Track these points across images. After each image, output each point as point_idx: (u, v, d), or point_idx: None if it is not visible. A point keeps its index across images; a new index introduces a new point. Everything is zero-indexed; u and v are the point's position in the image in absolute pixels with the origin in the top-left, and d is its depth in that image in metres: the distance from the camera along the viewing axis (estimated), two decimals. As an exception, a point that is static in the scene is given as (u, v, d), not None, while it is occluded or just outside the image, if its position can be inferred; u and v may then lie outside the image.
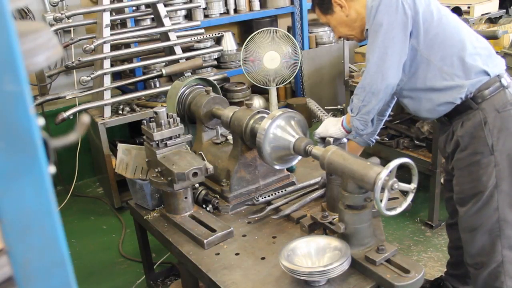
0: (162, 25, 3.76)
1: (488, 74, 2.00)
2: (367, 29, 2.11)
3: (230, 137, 2.45)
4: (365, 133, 2.20)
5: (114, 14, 3.74)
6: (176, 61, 3.85)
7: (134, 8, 3.87)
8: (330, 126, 2.24)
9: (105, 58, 3.51)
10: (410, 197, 1.72)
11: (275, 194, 2.24)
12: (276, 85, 4.64)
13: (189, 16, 4.50)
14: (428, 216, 3.35)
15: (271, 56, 4.39)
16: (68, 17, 3.48)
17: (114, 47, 3.78)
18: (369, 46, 2.07)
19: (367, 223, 1.77)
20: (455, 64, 2.01)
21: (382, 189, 1.61)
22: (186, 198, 2.19)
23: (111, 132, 3.86)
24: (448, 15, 2.09)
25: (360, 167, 1.68)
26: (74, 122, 3.67)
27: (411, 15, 1.99)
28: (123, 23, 3.96)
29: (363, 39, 2.25)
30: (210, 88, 2.51)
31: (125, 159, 2.46)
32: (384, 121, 2.49)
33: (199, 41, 4.31)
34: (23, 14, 4.03)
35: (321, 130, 2.25)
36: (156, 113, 2.19)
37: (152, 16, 3.88)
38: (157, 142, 2.17)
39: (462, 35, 2.05)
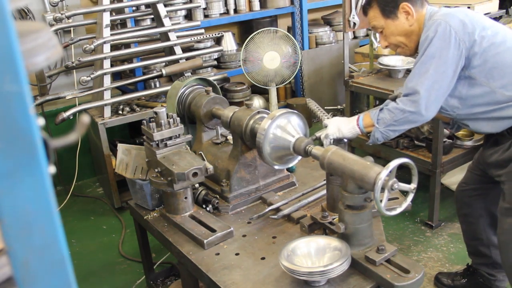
0: (162, 25, 3.76)
1: None
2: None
3: (230, 137, 2.45)
4: (380, 143, 2.21)
5: (114, 14, 3.75)
6: (176, 61, 3.85)
7: (134, 8, 3.87)
8: (343, 126, 2.20)
9: (105, 58, 3.51)
10: (410, 197, 1.72)
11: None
12: (276, 85, 4.64)
13: (189, 16, 4.50)
14: (428, 216, 3.35)
15: (271, 56, 4.40)
16: (68, 17, 3.48)
17: (114, 47, 3.78)
18: (418, 76, 2.05)
19: (367, 223, 1.77)
20: None
21: (382, 189, 1.61)
22: (186, 198, 2.19)
23: (111, 132, 3.86)
24: (506, 40, 2.06)
25: (360, 167, 1.68)
26: (74, 122, 3.68)
27: (465, 48, 1.99)
28: (123, 23, 3.96)
29: (414, 53, 2.24)
30: (210, 88, 2.51)
31: (125, 159, 2.46)
32: None
33: (199, 41, 4.31)
34: (23, 14, 4.03)
35: (333, 131, 2.19)
36: (156, 113, 2.19)
37: (152, 16, 3.88)
38: (157, 142, 2.17)
39: None
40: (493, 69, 2.02)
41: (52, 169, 0.60)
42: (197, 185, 2.29)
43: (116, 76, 4.24)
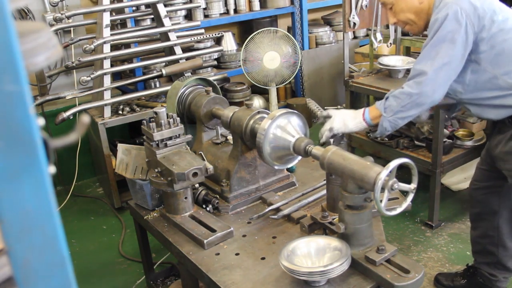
0: (162, 25, 3.76)
1: None
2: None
3: (230, 137, 2.45)
4: (389, 133, 2.21)
5: (114, 14, 3.75)
6: (176, 61, 3.85)
7: (134, 8, 3.87)
8: (349, 120, 2.19)
9: (105, 58, 3.51)
10: (410, 197, 1.72)
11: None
12: (276, 85, 4.64)
13: (189, 16, 4.50)
14: (428, 216, 3.35)
15: (271, 56, 4.40)
16: (68, 17, 3.48)
17: (114, 47, 3.78)
18: (426, 58, 2.06)
19: (367, 223, 1.77)
20: None
21: (382, 189, 1.61)
22: (186, 198, 2.19)
23: (111, 132, 3.86)
24: None
25: (360, 167, 1.67)
26: (74, 122, 3.67)
27: (474, 33, 2.00)
28: (123, 23, 3.96)
29: (422, 31, 2.25)
30: (210, 88, 2.51)
31: (125, 159, 2.46)
32: None
33: (199, 41, 4.31)
34: (23, 14, 4.03)
35: (339, 126, 2.18)
36: (156, 113, 2.19)
37: (152, 16, 3.88)
38: (157, 142, 2.17)
39: None
40: (499, 56, 2.03)
41: (52, 169, 0.60)
42: (197, 185, 2.29)
43: (116, 76, 4.24)
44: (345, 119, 2.19)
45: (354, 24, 3.46)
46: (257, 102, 4.81)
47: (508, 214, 2.46)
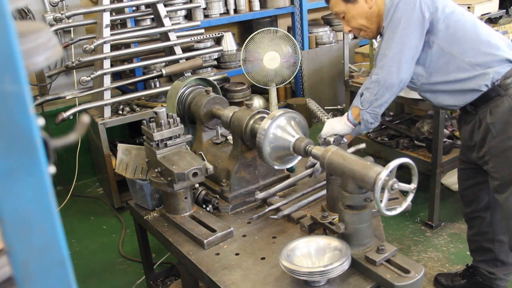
0: (162, 25, 3.76)
1: (511, 62, 2.09)
2: (383, 27, 2.17)
3: (230, 137, 2.45)
4: (374, 126, 2.25)
5: (114, 14, 3.75)
6: (176, 61, 3.85)
7: (134, 8, 3.87)
8: (335, 123, 2.25)
9: (105, 58, 3.51)
10: (410, 197, 1.72)
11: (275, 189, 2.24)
12: (276, 85, 4.64)
13: (189, 16, 4.50)
14: (428, 216, 3.35)
15: (271, 56, 4.40)
16: (68, 17, 3.48)
17: (114, 47, 3.78)
18: (386, 42, 2.13)
19: (367, 223, 1.77)
20: (477, 55, 2.10)
21: (382, 189, 1.61)
22: (186, 198, 2.19)
23: (111, 132, 3.86)
24: (464, 12, 2.18)
25: (360, 167, 1.67)
26: (74, 122, 3.67)
27: (430, 12, 2.08)
28: (123, 23, 3.96)
29: (376, 35, 2.30)
30: (210, 88, 2.51)
31: (125, 159, 2.46)
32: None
33: (199, 41, 4.32)
34: (23, 14, 4.03)
35: (326, 130, 2.25)
36: (156, 113, 2.19)
37: (152, 16, 3.88)
38: (157, 142, 2.17)
39: (479, 28, 2.14)
40: (454, 35, 2.11)
41: (52, 169, 0.60)
42: (197, 185, 2.29)
43: (116, 76, 4.24)
44: (331, 123, 2.27)
45: (354, 24, 3.46)
46: (257, 102, 4.81)
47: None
